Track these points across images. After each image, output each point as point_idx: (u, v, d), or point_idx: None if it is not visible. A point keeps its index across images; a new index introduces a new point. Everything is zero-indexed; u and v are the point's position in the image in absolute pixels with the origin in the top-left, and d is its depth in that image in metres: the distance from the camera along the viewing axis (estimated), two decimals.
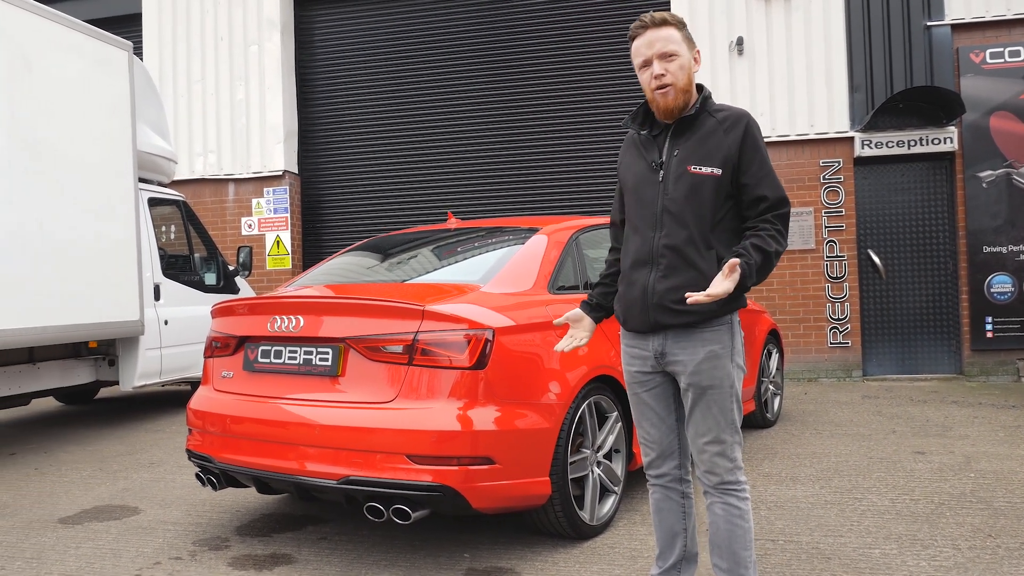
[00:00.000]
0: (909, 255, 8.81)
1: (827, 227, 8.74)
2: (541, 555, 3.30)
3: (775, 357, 6.11)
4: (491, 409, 3.08)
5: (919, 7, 8.62)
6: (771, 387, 6.00)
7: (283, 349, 3.39)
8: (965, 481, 4.28)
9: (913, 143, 8.54)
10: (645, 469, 2.60)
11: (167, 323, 6.91)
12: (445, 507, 3.04)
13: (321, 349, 3.28)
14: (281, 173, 10.19)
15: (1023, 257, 8.38)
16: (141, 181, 6.85)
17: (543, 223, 4.17)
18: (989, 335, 8.43)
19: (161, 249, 7.14)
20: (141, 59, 9.92)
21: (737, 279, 2.17)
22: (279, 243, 10.21)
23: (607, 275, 2.68)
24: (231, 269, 8.03)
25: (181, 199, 7.66)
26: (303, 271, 7.74)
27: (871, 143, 8.62)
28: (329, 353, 3.25)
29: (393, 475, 2.97)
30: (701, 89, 2.43)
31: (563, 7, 9.73)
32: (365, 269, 4.22)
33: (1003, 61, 8.45)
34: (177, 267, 7.43)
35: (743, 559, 2.38)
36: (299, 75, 10.62)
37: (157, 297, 6.88)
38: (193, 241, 7.66)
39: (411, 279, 3.93)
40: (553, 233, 3.99)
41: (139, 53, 10.38)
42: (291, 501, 4.25)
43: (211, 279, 7.79)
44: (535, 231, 3.99)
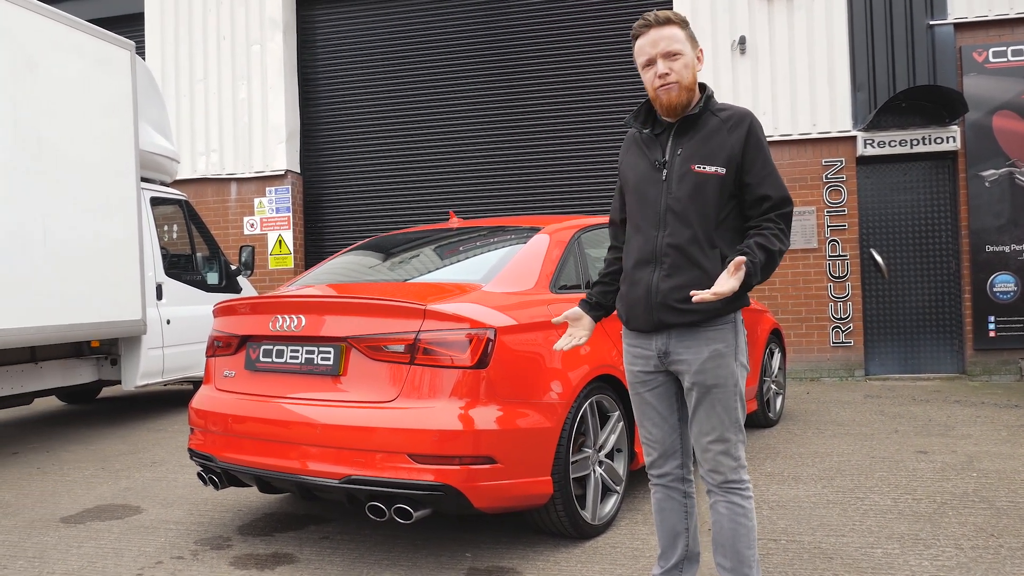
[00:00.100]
0: (911, 254, 8.79)
1: (829, 226, 8.73)
2: (543, 555, 3.30)
3: (777, 356, 6.11)
4: (493, 408, 3.07)
5: (922, 6, 8.61)
6: (773, 386, 6.00)
7: (285, 348, 3.39)
8: (968, 481, 4.27)
9: (916, 142, 8.53)
10: (647, 469, 2.60)
11: (169, 322, 6.92)
12: (447, 506, 3.04)
13: (323, 348, 3.28)
14: (283, 172, 10.19)
15: None
16: (143, 180, 6.86)
17: (545, 222, 4.17)
18: (992, 334, 8.42)
19: (163, 248, 7.15)
20: (143, 59, 9.92)
21: (742, 277, 2.17)
22: (281, 242, 10.22)
23: (606, 273, 2.67)
24: (233, 268, 8.04)
25: (183, 198, 7.67)
26: (305, 270, 7.74)
27: (873, 142, 8.60)
28: (331, 352, 3.25)
29: (395, 474, 2.97)
30: (704, 88, 2.42)
31: (564, 7, 9.72)
32: (367, 268, 4.21)
33: (1006, 60, 8.43)
34: (179, 266, 7.43)
35: (747, 558, 2.37)
36: (301, 75, 10.62)
37: (159, 296, 6.89)
38: (195, 240, 7.67)
39: (413, 278, 3.92)
40: (555, 232, 3.98)
41: (141, 53, 10.39)
42: (293, 500, 4.25)
43: (213, 278, 7.79)
44: (537, 230, 3.99)
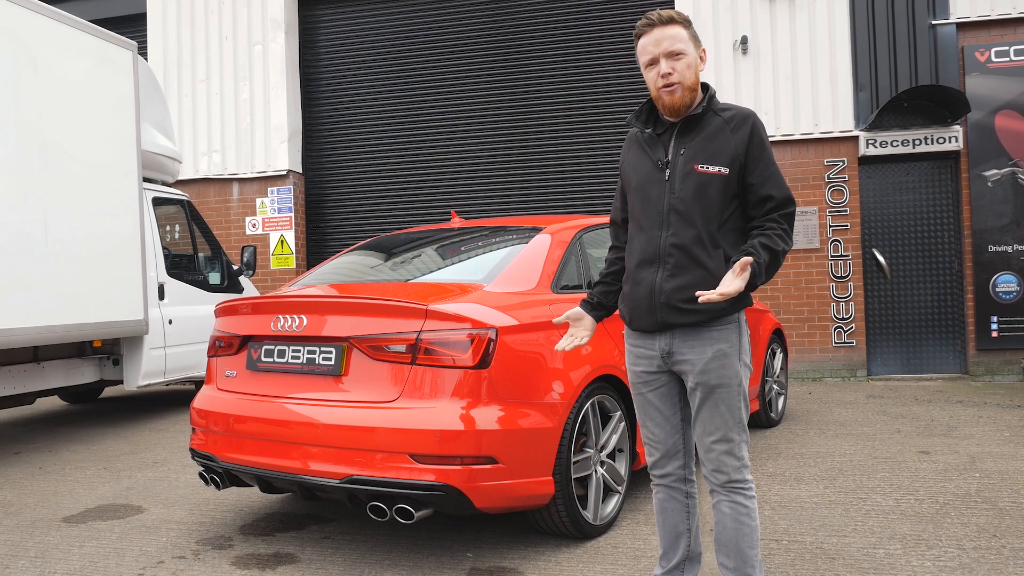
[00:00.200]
0: (914, 254, 8.78)
1: (831, 226, 8.72)
2: (544, 555, 3.30)
3: (779, 357, 6.10)
4: (494, 408, 3.07)
5: (924, 6, 8.59)
6: (775, 387, 5.99)
7: (286, 348, 3.39)
8: (970, 481, 4.26)
9: (918, 142, 8.52)
10: (649, 469, 2.59)
11: (171, 322, 6.93)
12: (448, 507, 3.04)
13: (324, 348, 3.28)
14: (285, 173, 10.20)
15: None
16: (145, 180, 6.87)
17: (546, 222, 4.17)
18: (994, 334, 8.40)
19: (165, 248, 7.16)
20: (146, 59, 9.94)
21: (748, 277, 2.17)
22: (283, 242, 10.22)
23: (608, 273, 2.66)
24: (235, 268, 8.05)
25: (185, 198, 7.67)
26: (307, 270, 7.74)
27: (876, 142, 8.59)
28: (332, 352, 3.25)
29: (396, 474, 2.97)
30: (706, 88, 2.42)
31: (566, 6, 9.72)
32: (368, 268, 4.21)
33: (1008, 60, 8.42)
34: (181, 266, 7.44)
35: (750, 558, 2.37)
36: (303, 75, 10.63)
37: (161, 296, 6.90)
38: (197, 240, 7.68)
39: (414, 278, 3.92)
40: (556, 232, 3.98)
41: (143, 53, 10.41)
42: (294, 500, 4.25)
43: (215, 278, 7.80)
44: (538, 230, 3.99)
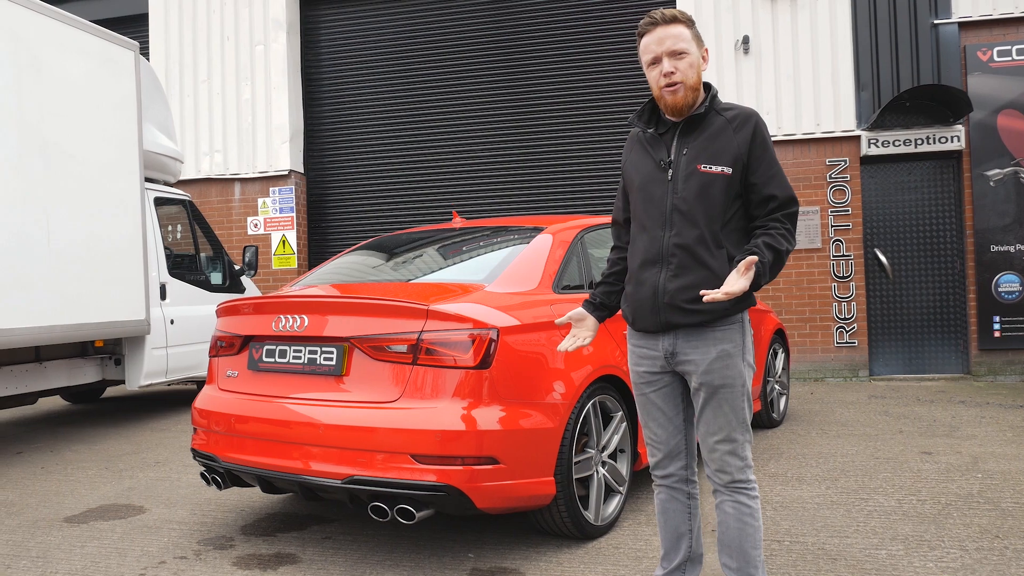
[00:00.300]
0: (916, 254, 8.77)
1: (833, 226, 8.71)
2: (545, 555, 3.29)
3: (781, 357, 6.09)
4: (495, 409, 3.07)
5: (926, 5, 8.58)
6: (777, 387, 5.99)
7: (288, 348, 3.39)
8: (972, 482, 4.25)
9: (920, 142, 8.50)
10: (651, 470, 2.59)
11: (173, 322, 6.93)
12: (449, 507, 3.04)
13: (325, 348, 3.28)
14: (287, 173, 10.20)
15: None
16: (147, 180, 6.88)
17: (548, 222, 4.16)
18: (997, 334, 8.39)
19: (167, 248, 7.16)
20: (148, 59, 9.94)
21: (752, 276, 2.17)
22: (285, 242, 10.23)
23: (610, 274, 2.66)
24: (237, 268, 8.05)
25: (187, 198, 7.68)
26: (308, 270, 7.75)
27: (878, 142, 8.58)
28: (333, 352, 3.25)
29: (397, 475, 2.97)
30: (708, 88, 2.42)
31: (568, 6, 9.71)
32: (370, 268, 4.21)
33: (1011, 59, 8.40)
34: (183, 266, 7.45)
35: (753, 558, 2.37)
36: (305, 75, 10.63)
37: (163, 296, 6.90)
38: (199, 240, 7.69)
39: (416, 278, 3.92)
40: (558, 232, 3.98)
41: (145, 53, 10.41)
42: (295, 501, 4.25)
43: (217, 278, 7.80)
44: (540, 230, 3.98)
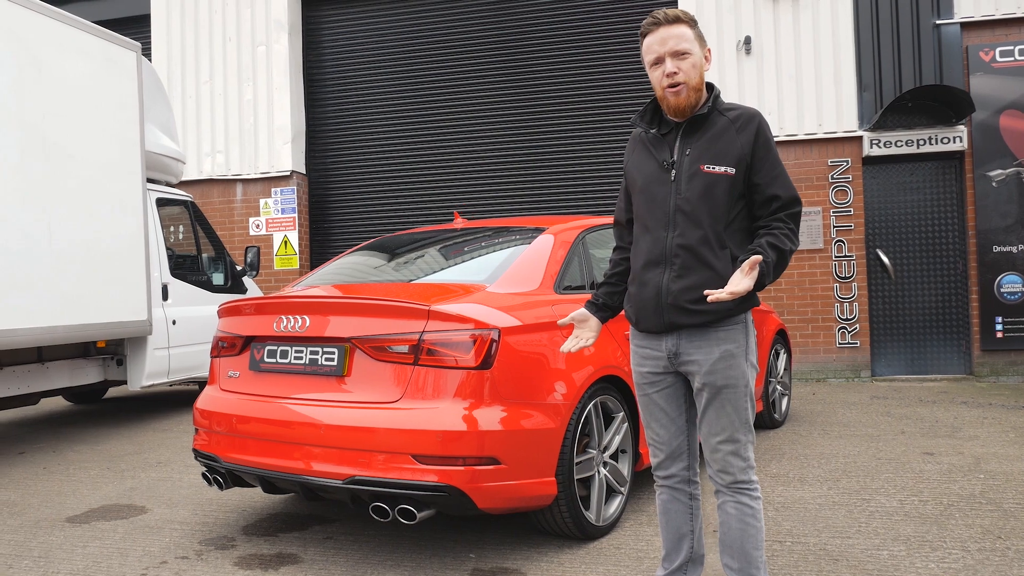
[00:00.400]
0: (918, 255, 8.76)
1: (835, 227, 8.70)
2: (547, 556, 3.29)
3: (783, 357, 6.09)
4: (497, 409, 3.07)
5: (928, 5, 8.57)
6: (779, 387, 5.98)
7: (289, 349, 3.39)
8: (975, 482, 4.25)
9: (922, 142, 8.49)
10: (653, 470, 2.58)
11: (175, 323, 6.94)
12: (451, 507, 3.04)
13: (327, 349, 3.28)
14: (289, 173, 10.21)
15: None
16: (149, 181, 6.88)
17: (549, 223, 4.16)
18: (999, 335, 8.37)
19: (169, 249, 7.17)
20: (149, 60, 9.95)
21: (756, 276, 2.17)
22: (287, 243, 10.24)
23: (612, 274, 2.65)
24: (239, 269, 8.06)
25: (189, 199, 7.69)
26: (310, 271, 7.75)
27: (880, 142, 8.57)
28: (335, 353, 3.25)
29: (399, 475, 2.97)
30: (711, 88, 2.41)
31: (570, 6, 9.71)
32: (371, 269, 4.22)
33: (1013, 59, 8.39)
34: (185, 267, 7.45)
35: (754, 559, 2.36)
36: (307, 75, 10.64)
37: (165, 297, 6.91)
38: (201, 241, 7.69)
39: (417, 279, 3.92)
40: (559, 233, 3.98)
41: (147, 54, 10.41)
42: (297, 501, 4.25)
43: (219, 279, 7.81)
44: (541, 231, 3.98)
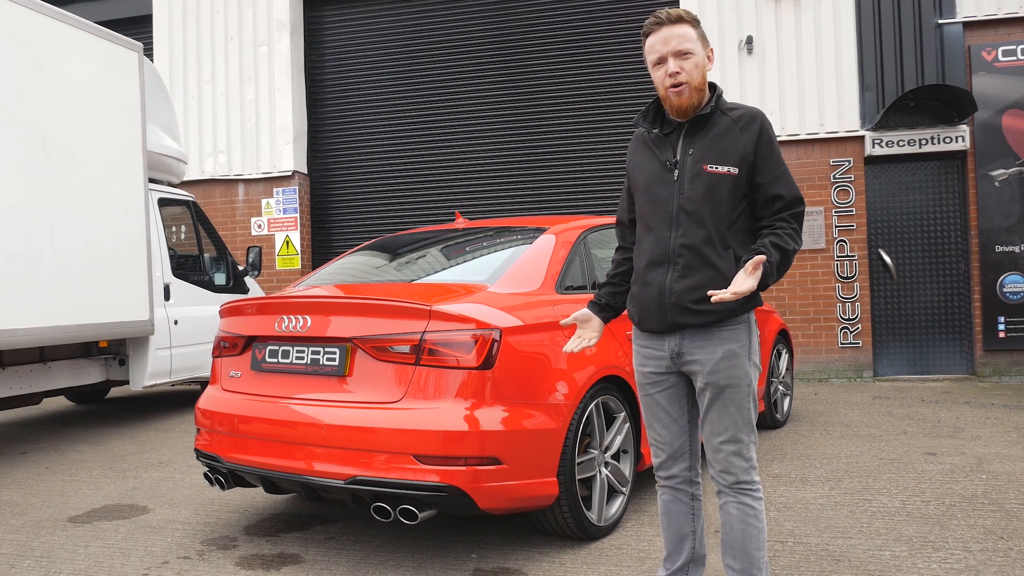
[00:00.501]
0: (920, 255, 8.75)
1: (837, 227, 8.69)
2: (548, 556, 3.29)
3: (785, 357, 6.09)
4: (498, 409, 3.07)
5: (930, 5, 8.56)
6: (781, 387, 5.98)
7: (291, 349, 3.39)
8: (977, 483, 4.24)
9: (924, 142, 8.48)
10: (655, 471, 2.58)
11: (177, 323, 6.94)
12: (452, 507, 3.04)
13: (328, 349, 3.28)
14: (290, 173, 10.22)
15: None
16: (151, 181, 6.88)
17: (551, 223, 4.16)
18: (1002, 335, 8.36)
19: (171, 249, 7.17)
20: (151, 60, 9.97)
21: (760, 276, 2.16)
22: (288, 243, 10.24)
23: (615, 274, 2.65)
24: (240, 269, 8.06)
25: (191, 199, 7.69)
26: (312, 271, 7.75)
27: (882, 142, 8.56)
28: (336, 353, 3.25)
29: (400, 475, 2.97)
30: (713, 87, 2.41)
31: (572, 6, 9.71)
32: (373, 269, 4.22)
33: (1015, 59, 8.38)
34: (187, 267, 7.46)
35: (756, 559, 2.36)
36: (308, 75, 10.65)
37: (167, 297, 6.91)
38: (203, 241, 7.70)
39: (418, 279, 3.92)
40: (561, 233, 3.98)
41: (149, 54, 10.44)
42: (298, 501, 4.25)
43: (221, 279, 7.82)
44: (543, 231, 3.98)
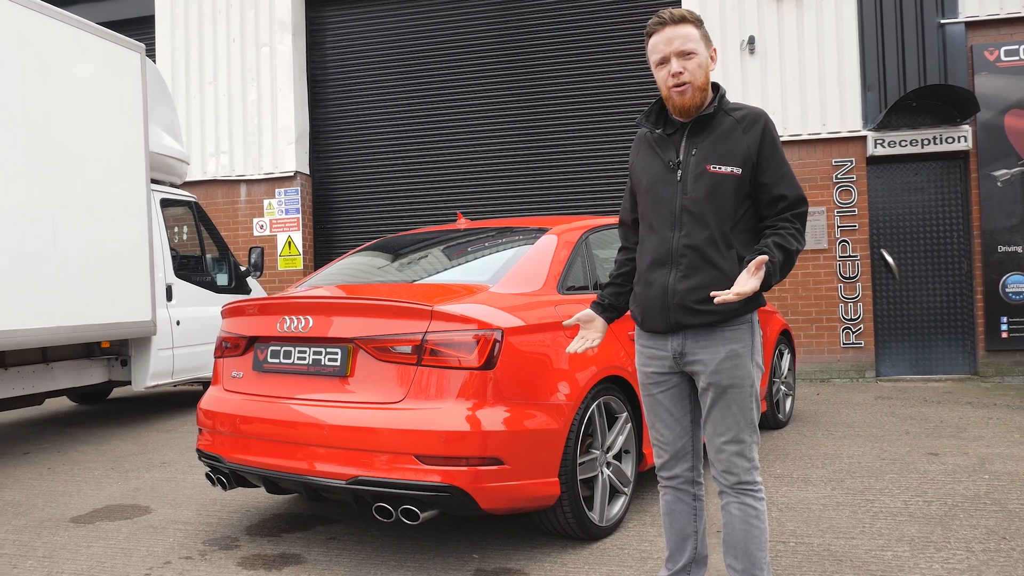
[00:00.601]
0: (923, 255, 8.73)
1: (840, 227, 8.68)
2: (550, 556, 3.29)
3: (787, 357, 6.08)
4: (500, 410, 3.07)
5: (932, 5, 8.55)
6: (783, 388, 5.97)
7: (292, 349, 3.39)
8: (979, 483, 4.23)
9: (927, 142, 8.47)
10: (657, 471, 2.58)
11: (179, 323, 6.95)
12: (454, 508, 3.04)
13: (330, 349, 3.28)
14: (292, 174, 10.22)
15: None
16: (153, 182, 6.89)
17: (552, 223, 4.16)
18: (1004, 335, 8.35)
19: (173, 250, 7.18)
20: (154, 61, 9.98)
21: (763, 276, 2.17)
22: (290, 244, 10.25)
23: (618, 275, 2.65)
24: (243, 270, 8.07)
25: (193, 200, 7.70)
26: (314, 271, 7.75)
27: (884, 142, 8.55)
28: (338, 353, 3.25)
29: (402, 475, 2.97)
30: (716, 88, 2.41)
31: (575, 7, 9.71)
32: (375, 269, 4.22)
33: (1018, 59, 8.37)
34: (189, 268, 7.46)
35: (758, 560, 2.36)
36: (310, 76, 10.65)
37: (169, 297, 6.92)
38: (205, 242, 7.70)
39: (420, 279, 3.92)
40: (563, 233, 3.98)
41: (152, 55, 10.45)
42: (300, 501, 4.26)
43: (223, 279, 7.82)
44: (544, 231, 3.98)
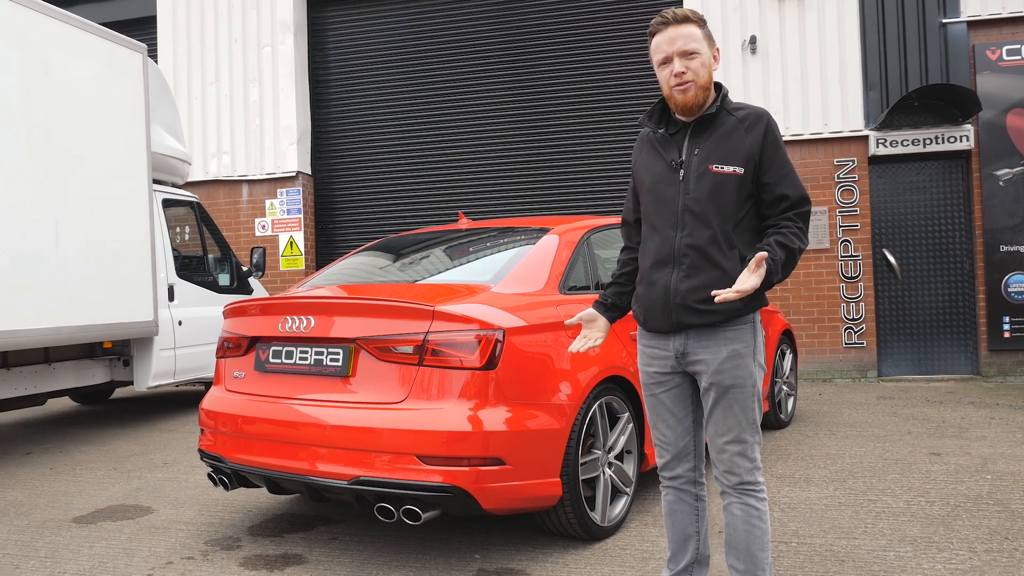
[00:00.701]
0: (925, 255, 8.73)
1: (842, 226, 8.68)
2: (552, 556, 3.29)
3: (789, 357, 6.07)
4: (502, 410, 3.07)
5: (934, 4, 8.54)
6: (785, 388, 5.97)
7: (294, 349, 3.40)
8: (982, 483, 4.23)
9: (928, 141, 8.47)
10: (659, 471, 2.58)
11: (181, 324, 6.95)
12: (455, 508, 3.04)
13: (332, 349, 3.28)
14: (294, 174, 10.23)
15: None
16: (155, 182, 6.90)
17: (554, 223, 4.16)
18: (1006, 335, 8.34)
19: (175, 250, 7.19)
20: (156, 61, 9.99)
21: (764, 274, 2.16)
22: (292, 244, 10.26)
23: (621, 274, 2.65)
24: (244, 270, 8.07)
25: (195, 200, 7.70)
26: (316, 271, 7.76)
27: (886, 142, 8.54)
28: (340, 353, 3.25)
29: (403, 476, 2.97)
30: (719, 87, 2.41)
31: (576, 7, 9.71)
32: (377, 269, 4.22)
33: (1020, 58, 8.36)
34: (191, 268, 7.47)
35: (760, 560, 2.36)
36: (312, 76, 10.66)
37: (171, 298, 6.92)
38: (207, 242, 7.71)
39: (422, 279, 3.92)
40: (564, 233, 3.97)
41: (153, 55, 10.46)
42: (302, 501, 4.26)
43: (225, 280, 7.83)
44: (546, 231, 3.98)
